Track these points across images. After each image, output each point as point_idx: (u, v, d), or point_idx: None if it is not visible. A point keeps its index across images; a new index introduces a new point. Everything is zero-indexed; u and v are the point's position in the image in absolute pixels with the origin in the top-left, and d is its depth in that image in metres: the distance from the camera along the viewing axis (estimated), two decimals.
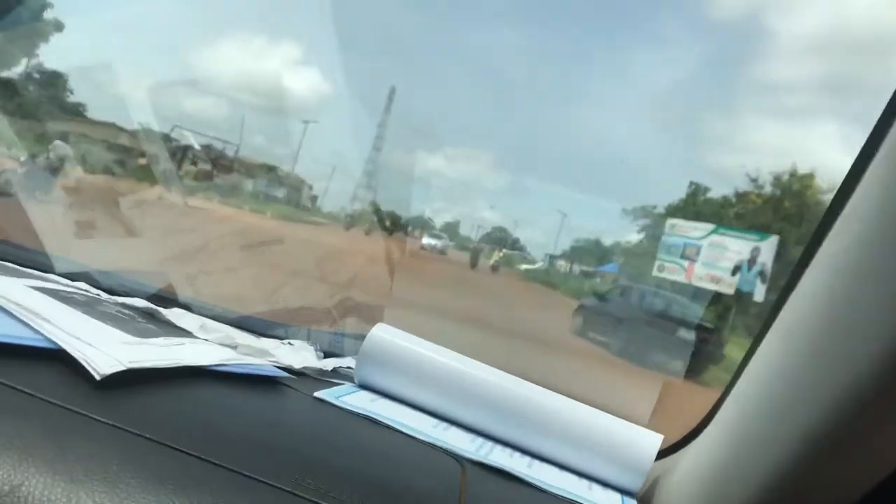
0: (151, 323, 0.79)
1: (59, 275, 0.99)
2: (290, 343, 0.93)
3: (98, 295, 0.88)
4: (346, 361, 0.92)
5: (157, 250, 1.07)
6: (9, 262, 0.98)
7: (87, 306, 0.76)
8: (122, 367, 0.59)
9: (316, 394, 0.76)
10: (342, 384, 0.84)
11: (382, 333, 0.85)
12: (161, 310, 0.85)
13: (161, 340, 0.71)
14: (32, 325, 0.63)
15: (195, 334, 0.80)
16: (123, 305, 0.84)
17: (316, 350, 0.95)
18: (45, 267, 1.02)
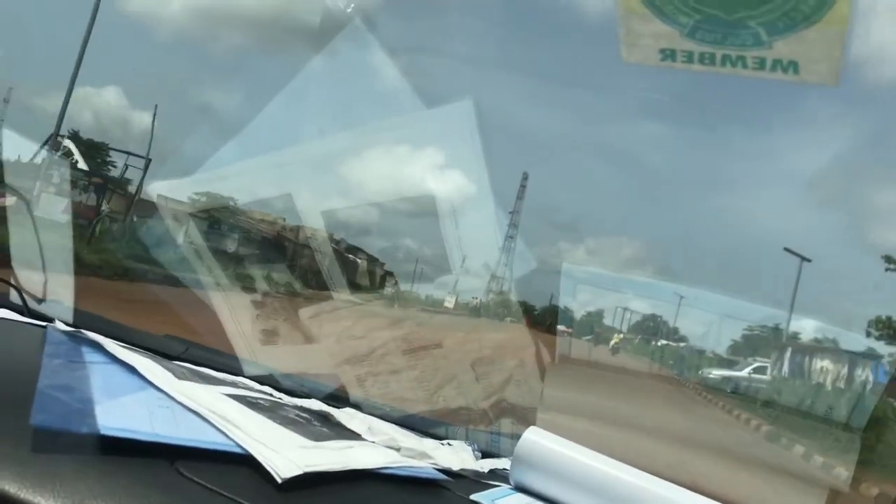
0: (325, 426, 0.86)
1: (248, 377, 1.11)
2: (449, 443, 0.97)
3: (280, 398, 0.98)
4: (502, 463, 0.95)
5: (330, 355, 1.18)
6: (204, 366, 1.12)
7: (271, 411, 0.85)
8: (300, 471, 0.66)
9: (473, 496, 0.79)
10: (499, 486, 0.87)
11: (535, 437, 0.87)
12: (334, 412, 0.94)
13: (334, 444, 0.78)
14: (226, 431, 0.72)
15: (363, 436, 0.87)
16: (301, 409, 0.93)
17: (474, 450, 0.98)
18: (236, 370, 1.15)
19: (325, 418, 0.92)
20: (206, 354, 1.22)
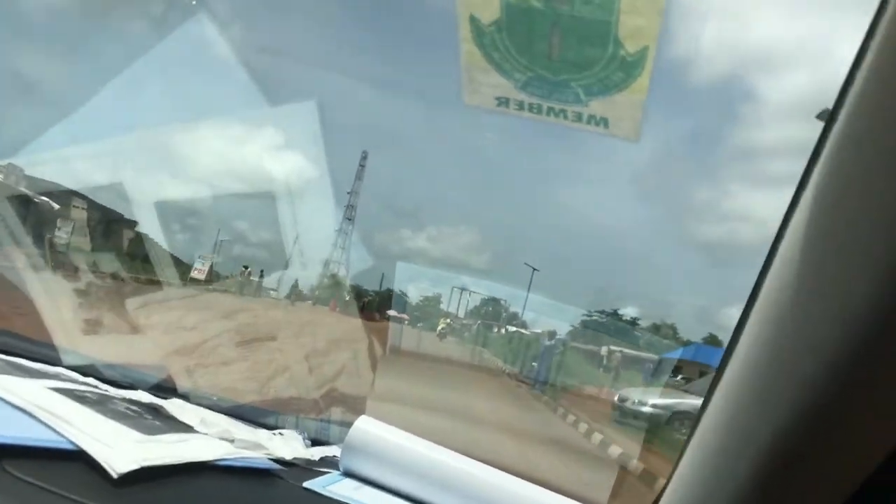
0: (157, 419, 0.87)
1: (67, 367, 1.07)
2: (280, 433, 1.01)
3: (106, 391, 0.96)
4: (332, 450, 1.00)
5: (158, 344, 1.16)
6: (18, 356, 1.07)
7: (100, 405, 0.84)
8: (136, 466, 0.67)
9: (305, 484, 0.84)
10: (329, 472, 0.92)
11: (365, 426, 0.93)
12: (164, 404, 0.94)
13: (168, 437, 0.79)
14: (55, 427, 0.71)
15: (196, 429, 0.88)
16: (131, 402, 0.92)
17: (304, 438, 1.03)
18: (53, 360, 1.10)
19: (155, 411, 0.92)
20: (18, 343, 1.16)
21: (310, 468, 0.92)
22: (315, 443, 1.04)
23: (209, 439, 0.85)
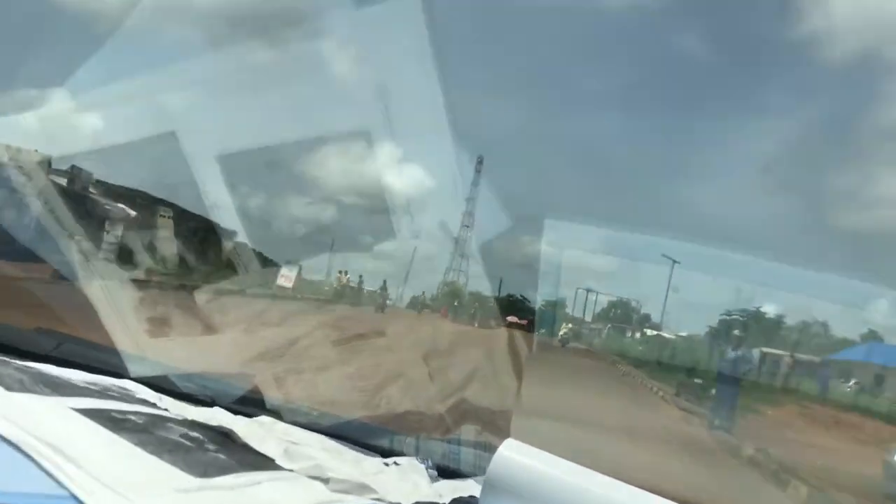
0: (223, 450, 0.62)
1: (134, 379, 0.86)
2: (396, 463, 0.74)
3: (165, 411, 0.72)
4: (468, 487, 0.72)
5: (238, 347, 0.94)
6: (79, 366, 0.86)
7: (144, 432, 0.60)
8: None
9: None
10: None
11: (512, 453, 0.64)
12: (240, 426, 0.69)
13: (230, 480, 0.54)
14: (51, 471, 0.47)
15: (278, 462, 0.63)
16: (193, 425, 0.68)
17: (428, 468, 0.75)
18: (120, 370, 0.89)
19: (225, 437, 0.67)
20: (83, 351, 0.96)
21: None
22: (443, 473, 0.77)
23: (293, 479, 0.59)
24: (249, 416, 0.78)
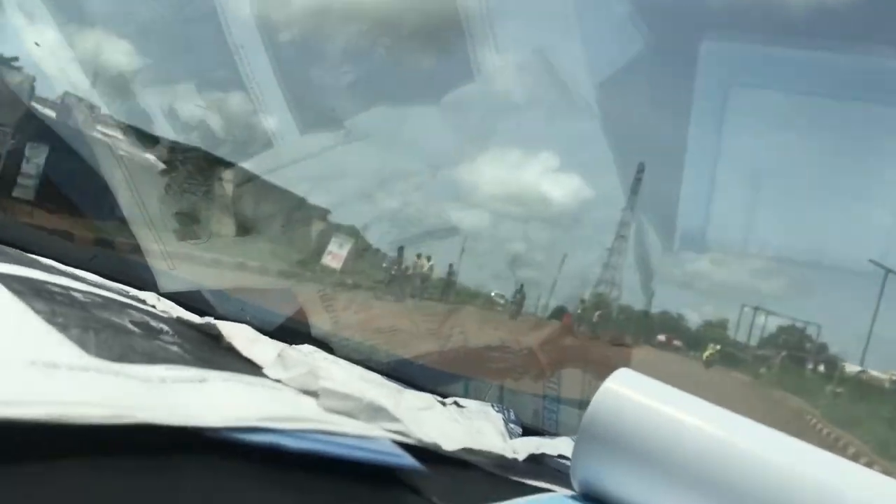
0: (182, 345, 0.42)
1: (163, 295, 0.68)
2: (457, 404, 0.52)
3: (152, 307, 0.54)
4: (558, 445, 0.48)
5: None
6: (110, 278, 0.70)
7: (72, 308, 0.41)
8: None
9: None
10: (550, 490, 0.41)
11: (625, 389, 0.40)
12: (221, 327, 0.49)
13: (149, 370, 0.33)
14: None
15: (266, 372, 0.42)
16: (171, 321, 0.48)
17: (506, 419, 0.52)
18: (144, 283, 0.73)
19: (204, 336, 0.47)
20: (117, 266, 0.81)
21: (501, 474, 0.42)
22: (528, 432, 0.54)
23: (265, 388, 0.38)
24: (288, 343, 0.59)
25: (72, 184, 0.96)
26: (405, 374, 0.65)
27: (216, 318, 0.53)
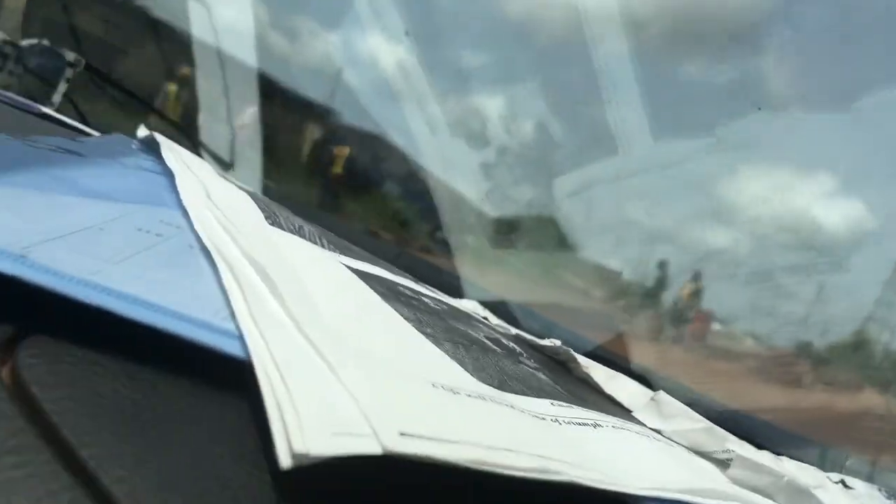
0: (549, 374, 0.37)
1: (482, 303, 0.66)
2: (845, 483, 0.42)
3: (485, 319, 0.51)
4: None
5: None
6: (413, 279, 0.71)
7: (431, 316, 0.38)
8: (397, 437, 0.18)
9: None
10: None
11: None
12: (580, 360, 0.44)
13: (545, 405, 0.29)
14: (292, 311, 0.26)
15: (637, 416, 0.36)
16: (519, 340, 0.45)
17: (886, 497, 0.42)
18: (449, 288, 0.71)
19: (561, 365, 0.43)
20: (423, 269, 0.82)
21: None
22: None
23: (663, 445, 0.32)
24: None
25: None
26: (741, 428, 0.55)
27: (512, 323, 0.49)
